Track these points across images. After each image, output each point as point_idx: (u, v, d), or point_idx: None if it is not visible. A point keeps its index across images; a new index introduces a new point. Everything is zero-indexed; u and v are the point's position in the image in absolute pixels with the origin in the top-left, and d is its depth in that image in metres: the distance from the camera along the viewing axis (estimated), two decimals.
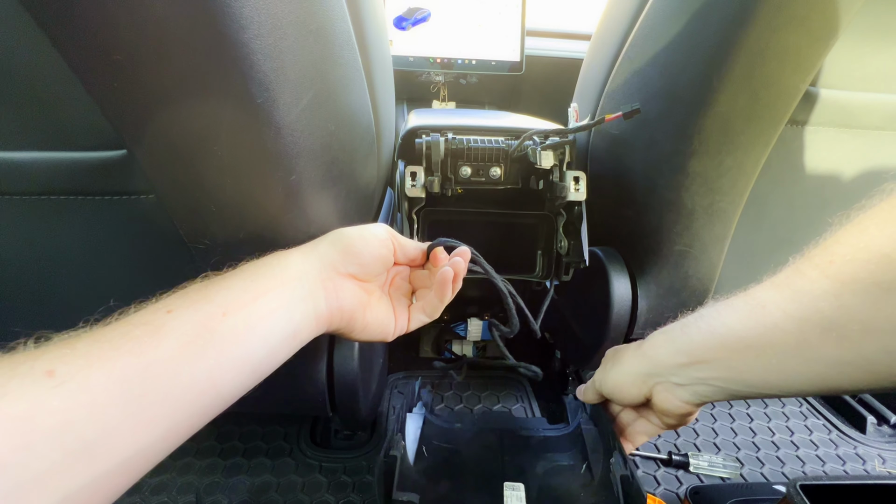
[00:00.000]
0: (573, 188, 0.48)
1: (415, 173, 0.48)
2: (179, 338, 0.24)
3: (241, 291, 0.28)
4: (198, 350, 0.25)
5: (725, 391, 0.36)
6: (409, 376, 0.82)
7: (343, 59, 0.36)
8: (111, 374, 0.21)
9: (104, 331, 0.23)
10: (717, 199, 0.51)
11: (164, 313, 0.25)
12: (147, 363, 0.23)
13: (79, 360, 0.21)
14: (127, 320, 0.24)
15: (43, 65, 0.27)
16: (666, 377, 0.39)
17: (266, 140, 0.29)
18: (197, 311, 0.26)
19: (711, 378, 0.36)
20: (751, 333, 0.33)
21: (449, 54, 0.93)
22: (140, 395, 0.22)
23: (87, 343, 0.22)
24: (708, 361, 0.36)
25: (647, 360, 0.41)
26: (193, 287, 0.28)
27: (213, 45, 0.24)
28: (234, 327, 0.27)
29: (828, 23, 0.39)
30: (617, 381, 0.44)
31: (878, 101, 0.47)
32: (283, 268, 0.31)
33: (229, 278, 0.29)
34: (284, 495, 0.60)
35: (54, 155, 0.31)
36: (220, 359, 0.26)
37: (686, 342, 0.38)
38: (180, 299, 0.26)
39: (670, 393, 0.39)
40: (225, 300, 0.27)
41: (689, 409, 0.39)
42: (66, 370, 0.20)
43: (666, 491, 0.63)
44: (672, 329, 0.40)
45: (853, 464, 0.69)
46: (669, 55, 0.47)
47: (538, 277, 0.57)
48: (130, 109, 0.27)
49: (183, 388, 0.24)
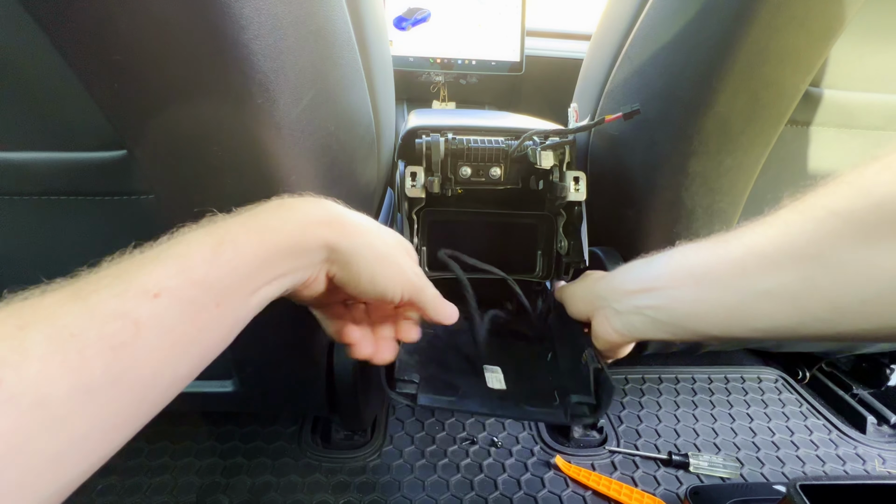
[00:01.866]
0: (573, 188, 0.48)
1: (415, 173, 0.48)
2: (160, 340, 0.21)
3: (247, 275, 0.25)
4: (181, 354, 0.22)
5: (656, 324, 0.36)
6: None
7: (343, 59, 0.36)
8: (74, 386, 0.18)
9: (69, 319, 0.19)
10: (717, 199, 0.51)
11: (148, 298, 0.21)
12: (119, 373, 0.19)
13: (31, 368, 0.17)
14: (97, 304, 0.20)
15: (43, 65, 0.27)
16: (608, 302, 0.40)
17: (266, 140, 0.29)
18: (190, 302, 0.22)
19: (649, 307, 0.36)
20: (707, 262, 0.33)
21: (449, 54, 0.94)
22: (108, 404, 0.19)
23: (42, 342, 0.18)
24: (655, 290, 0.36)
25: (601, 283, 0.42)
26: (199, 250, 0.24)
27: (213, 45, 0.24)
28: (223, 321, 0.24)
29: (828, 23, 0.39)
30: (571, 295, 0.46)
31: (878, 101, 0.47)
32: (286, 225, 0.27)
33: (240, 237, 0.25)
34: (285, 495, 0.60)
35: (54, 155, 0.31)
36: (204, 353, 0.24)
37: (643, 271, 0.38)
38: (176, 274, 0.22)
39: (606, 319, 0.40)
40: (225, 286, 0.24)
41: (619, 339, 0.40)
42: (15, 382, 0.17)
43: (666, 491, 0.63)
44: (638, 261, 0.40)
45: (853, 464, 0.70)
46: (669, 55, 0.47)
47: (538, 277, 0.57)
48: (130, 109, 0.27)
49: (163, 389, 0.22)
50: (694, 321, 0.34)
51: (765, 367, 0.89)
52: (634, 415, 0.76)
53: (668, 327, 0.36)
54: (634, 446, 0.70)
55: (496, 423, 0.73)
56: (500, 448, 0.68)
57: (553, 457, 0.66)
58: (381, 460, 0.65)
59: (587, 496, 0.61)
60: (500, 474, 0.64)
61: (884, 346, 0.76)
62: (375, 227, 0.32)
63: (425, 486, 0.62)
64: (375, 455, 0.66)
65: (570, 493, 0.61)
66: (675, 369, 0.86)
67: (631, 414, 0.76)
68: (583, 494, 0.61)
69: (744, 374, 0.87)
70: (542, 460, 0.66)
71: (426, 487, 0.62)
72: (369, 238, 0.30)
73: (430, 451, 0.67)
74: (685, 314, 0.35)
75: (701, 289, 0.33)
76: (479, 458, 0.66)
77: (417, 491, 0.61)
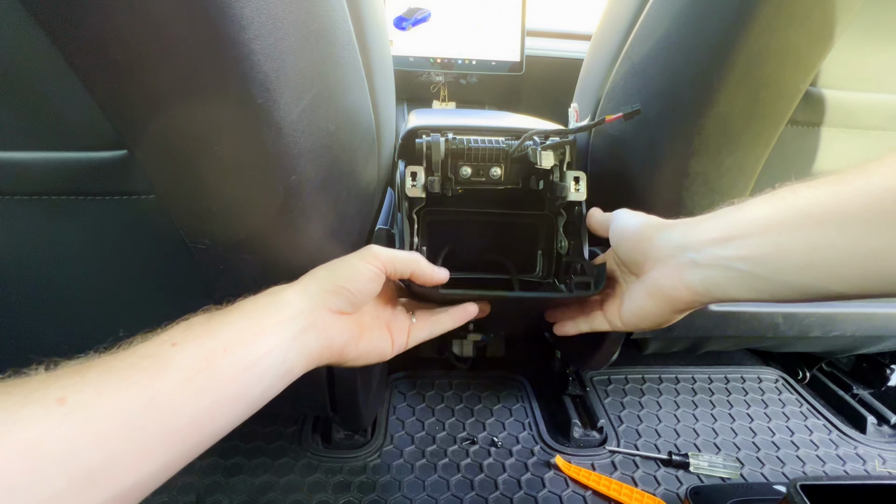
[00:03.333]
0: (573, 188, 0.48)
1: (415, 173, 0.48)
2: (183, 371, 0.25)
3: (241, 329, 0.29)
4: (199, 386, 0.26)
5: (749, 279, 0.30)
6: (409, 376, 0.82)
7: (344, 59, 0.36)
8: (118, 405, 0.22)
9: (113, 361, 0.24)
10: (717, 199, 0.51)
11: (169, 346, 0.26)
12: (151, 396, 0.24)
13: (89, 388, 0.22)
14: (134, 350, 0.25)
15: (43, 65, 0.27)
16: (685, 250, 0.33)
17: (266, 140, 0.29)
18: (200, 345, 0.27)
19: (741, 258, 0.30)
20: (834, 198, 0.27)
21: (449, 54, 0.94)
22: (142, 427, 0.23)
23: (97, 373, 0.23)
24: (752, 235, 0.30)
25: (674, 229, 0.35)
26: (197, 320, 0.29)
27: (214, 45, 0.24)
28: (234, 364, 0.28)
29: (828, 23, 0.39)
30: (624, 228, 0.38)
31: (878, 101, 0.47)
32: (279, 307, 0.32)
33: (230, 313, 0.30)
34: (285, 495, 0.60)
35: (54, 155, 0.31)
36: (218, 395, 0.27)
37: (732, 217, 0.32)
38: (184, 332, 0.27)
39: (677, 273, 0.33)
40: (226, 336, 0.28)
41: (691, 299, 0.33)
42: (77, 398, 0.21)
43: (666, 491, 0.63)
44: (723, 208, 0.33)
45: (853, 464, 0.70)
46: (669, 55, 0.47)
47: (538, 277, 0.57)
48: (130, 109, 0.27)
49: (183, 422, 0.25)
50: (811, 273, 0.28)
51: (765, 367, 0.89)
52: (634, 415, 0.76)
53: (765, 284, 0.29)
54: (634, 446, 0.70)
55: (496, 422, 0.73)
56: (500, 448, 0.68)
57: (553, 457, 0.66)
58: (382, 460, 0.65)
59: (587, 496, 0.61)
60: (501, 474, 0.64)
61: (884, 346, 0.76)
62: (323, 272, 0.36)
63: (425, 486, 0.62)
64: (375, 455, 0.66)
65: (570, 493, 0.61)
66: (675, 369, 0.86)
67: (631, 414, 0.76)
68: (583, 494, 0.61)
69: (744, 374, 0.87)
70: (542, 460, 0.66)
71: (426, 487, 0.62)
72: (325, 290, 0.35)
73: (431, 451, 0.67)
74: (797, 265, 0.28)
75: (825, 232, 0.27)
76: (480, 458, 0.66)
77: (418, 491, 0.61)
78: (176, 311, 0.29)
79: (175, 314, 0.29)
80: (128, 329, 0.28)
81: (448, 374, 0.82)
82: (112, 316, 0.42)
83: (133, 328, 0.28)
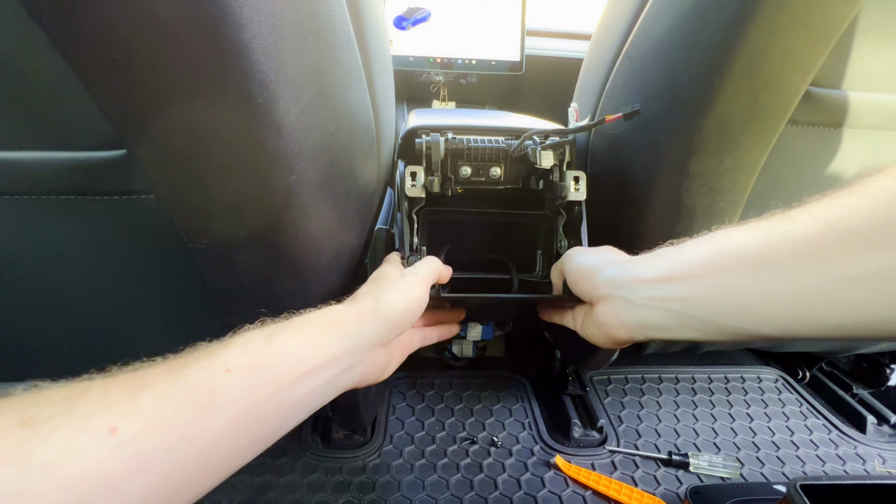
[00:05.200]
0: (573, 188, 0.48)
1: (415, 173, 0.48)
2: (231, 407, 0.25)
3: (295, 364, 0.29)
4: (244, 425, 0.26)
5: (683, 319, 0.30)
6: (409, 376, 0.82)
7: (343, 59, 0.36)
8: (164, 440, 0.22)
9: (166, 385, 0.24)
10: (717, 199, 0.51)
11: (222, 373, 0.26)
12: (197, 433, 0.24)
13: (140, 417, 0.22)
14: (188, 375, 0.25)
15: (43, 65, 0.27)
16: (620, 291, 0.34)
17: (266, 140, 0.29)
18: (251, 379, 0.27)
19: (676, 299, 0.31)
20: (764, 243, 0.27)
21: (449, 54, 0.93)
22: (183, 465, 0.23)
23: (151, 397, 0.23)
24: (687, 278, 0.30)
25: (616, 267, 0.36)
26: (255, 343, 0.28)
27: (213, 45, 0.24)
28: (279, 404, 0.28)
29: (828, 23, 0.39)
30: (577, 267, 0.40)
31: (878, 101, 0.47)
32: (336, 337, 0.32)
33: (287, 337, 0.30)
34: (285, 495, 0.60)
35: (54, 155, 0.31)
36: (258, 433, 0.27)
37: (671, 258, 0.33)
38: (241, 357, 0.27)
39: (614, 311, 0.34)
40: (280, 368, 0.28)
41: (625, 336, 0.34)
42: (128, 428, 0.21)
43: (666, 491, 0.63)
44: (664, 248, 0.34)
45: (853, 464, 0.69)
46: (669, 55, 0.47)
47: (538, 277, 0.57)
48: (130, 109, 0.27)
49: (221, 460, 0.25)
50: (742, 317, 0.28)
51: (765, 367, 0.89)
52: (634, 415, 0.76)
53: (699, 324, 0.30)
54: (634, 446, 0.70)
55: (496, 422, 0.73)
56: (500, 448, 0.68)
57: (553, 456, 0.66)
58: (381, 460, 0.65)
59: (587, 496, 0.61)
60: (500, 474, 0.64)
61: (884, 346, 0.76)
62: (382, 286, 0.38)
63: (425, 486, 0.62)
64: (375, 455, 0.66)
65: (570, 492, 0.61)
66: (675, 369, 0.86)
67: (631, 414, 0.76)
68: (583, 494, 0.61)
69: (744, 374, 0.87)
70: (542, 460, 0.66)
71: (426, 487, 0.62)
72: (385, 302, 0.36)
73: (430, 451, 0.67)
74: (729, 308, 0.28)
75: (756, 276, 0.27)
76: (479, 458, 0.66)
77: (417, 491, 0.61)
78: (176, 310, 0.29)
79: (175, 314, 0.29)
80: (128, 329, 0.28)
81: (448, 374, 0.82)
82: (112, 315, 0.42)
83: (133, 328, 0.28)
